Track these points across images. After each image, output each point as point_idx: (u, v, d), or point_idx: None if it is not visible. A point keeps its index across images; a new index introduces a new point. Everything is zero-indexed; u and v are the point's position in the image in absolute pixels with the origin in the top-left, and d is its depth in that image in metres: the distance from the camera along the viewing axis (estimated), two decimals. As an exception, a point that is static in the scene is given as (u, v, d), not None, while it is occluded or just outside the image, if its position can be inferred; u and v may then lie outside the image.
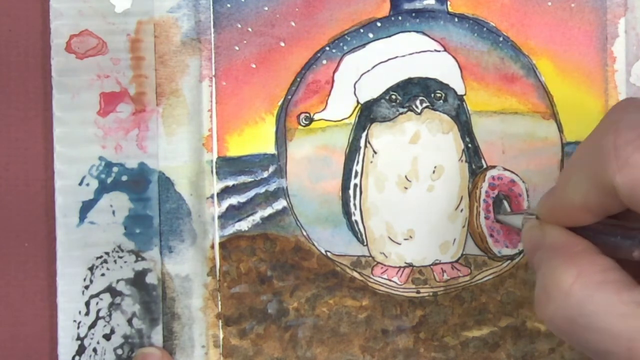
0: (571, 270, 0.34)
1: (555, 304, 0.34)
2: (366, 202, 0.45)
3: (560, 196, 0.37)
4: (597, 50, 0.45)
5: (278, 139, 0.45)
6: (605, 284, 0.33)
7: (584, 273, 0.34)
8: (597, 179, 0.34)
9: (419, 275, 0.45)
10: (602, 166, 0.33)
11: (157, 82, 0.45)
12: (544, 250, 0.37)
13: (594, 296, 0.33)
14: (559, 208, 0.37)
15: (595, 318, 0.33)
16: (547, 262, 0.36)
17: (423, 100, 0.45)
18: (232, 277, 0.45)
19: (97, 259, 0.44)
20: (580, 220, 0.36)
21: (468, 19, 0.45)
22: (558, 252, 0.36)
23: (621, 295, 0.33)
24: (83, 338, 0.44)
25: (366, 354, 0.45)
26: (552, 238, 0.37)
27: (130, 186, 0.45)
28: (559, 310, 0.34)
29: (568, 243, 0.36)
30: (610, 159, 0.33)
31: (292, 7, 0.45)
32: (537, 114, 0.45)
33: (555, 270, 0.35)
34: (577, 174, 0.35)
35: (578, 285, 0.34)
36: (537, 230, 0.38)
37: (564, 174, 0.37)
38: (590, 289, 0.34)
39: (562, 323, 0.34)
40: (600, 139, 0.34)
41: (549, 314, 0.35)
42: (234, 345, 0.45)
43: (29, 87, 0.45)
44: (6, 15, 0.45)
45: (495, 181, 0.45)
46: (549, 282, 0.35)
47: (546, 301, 0.35)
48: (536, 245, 0.38)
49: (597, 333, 0.33)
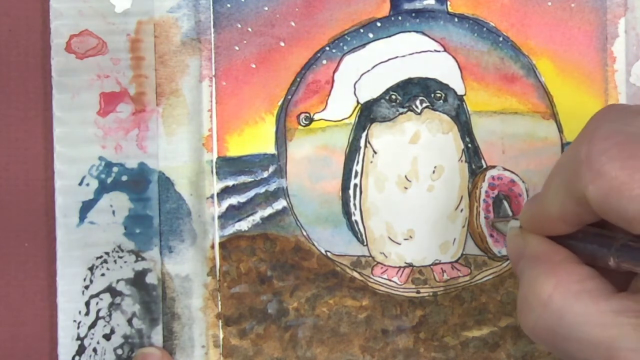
0: (550, 280, 0.34)
1: (536, 314, 0.34)
2: (366, 202, 0.45)
3: (539, 205, 0.37)
4: (597, 50, 0.45)
5: (278, 139, 0.45)
6: (583, 293, 0.34)
7: (562, 283, 0.34)
8: (571, 189, 0.34)
9: (419, 275, 0.45)
10: (576, 176, 0.33)
11: (157, 82, 0.45)
12: (525, 259, 0.37)
13: (572, 306, 0.34)
14: (537, 217, 0.37)
15: (575, 328, 0.33)
16: (527, 271, 0.36)
17: (423, 100, 0.45)
18: (232, 277, 0.45)
19: (97, 259, 0.44)
20: (558, 230, 0.36)
21: (468, 19, 0.45)
22: (537, 262, 0.36)
23: (599, 304, 0.33)
24: (83, 338, 0.44)
25: (366, 354, 0.45)
26: (533, 247, 0.37)
27: (130, 186, 0.45)
28: (539, 320, 0.34)
29: (547, 252, 0.36)
30: (584, 170, 0.33)
31: (292, 7, 0.45)
32: (537, 114, 0.45)
33: (535, 280, 0.35)
34: (554, 184, 0.35)
35: (557, 295, 0.34)
36: (519, 239, 0.38)
37: (545, 183, 0.37)
38: (568, 298, 0.34)
39: (542, 333, 0.34)
40: (576, 149, 0.34)
41: (530, 324, 0.35)
42: (234, 345, 0.45)
43: (29, 87, 0.45)
44: (6, 15, 0.45)
45: (495, 181, 0.45)
46: (529, 292, 0.35)
47: (527, 311, 0.35)
48: (519, 254, 0.38)
49: (577, 342, 0.33)
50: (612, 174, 0.32)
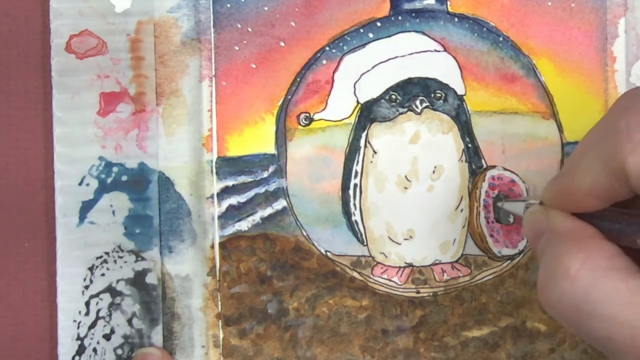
0: (578, 255, 0.34)
1: (561, 289, 0.34)
2: (366, 202, 0.45)
3: (567, 180, 0.36)
4: (597, 50, 0.45)
5: (278, 139, 0.45)
6: (612, 270, 0.33)
7: (591, 259, 0.34)
8: (607, 161, 0.33)
9: (419, 275, 0.45)
10: (613, 149, 0.33)
11: (157, 82, 0.45)
12: (548, 236, 0.36)
13: (600, 282, 0.33)
14: (565, 193, 0.36)
15: (601, 304, 0.33)
16: (552, 247, 0.35)
17: (423, 100, 0.45)
18: (232, 277, 0.45)
19: (97, 259, 0.44)
20: (587, 206, 0.36)
21: (468, 19, 0.45)
22: (564, 238, 0.35)
23: (627, 282, 0.33)
24: (83, 338, 0.44)
25: (366, 354, 0.45)
26: (557, 223, 0.37)
27: (130, 186, 0.45)
28: (564, 295, 0.34)
29: (574, 228, 0.36)
30: (623, 141, 0.32)
31: (292, 7, 0.45)
32: (537, 114, 0.45)
33: (562, 255, 0.34)
34: (587, 157, 0.35)
35: (585, 271, 0.33)
36: (540, 216, 0.38)
37: (572, 158, 0.36)
38: (597, 275, 0.33)
39: (566, 308, 0.34)
40: (612, 122, 0.33)
41: (553, 299, 0.34)
42: (234, 345, 0.45)
43: (29, 87, 0.45)
44: (6, 15, 0.45)
45: (495, 181, 0.45)
46: (555, 267, 0.34)
47: (552, 286, 0.34)
48: (539, 231, 0.37)
49: (601, 319, 0.33)
50: None
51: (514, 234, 0.45)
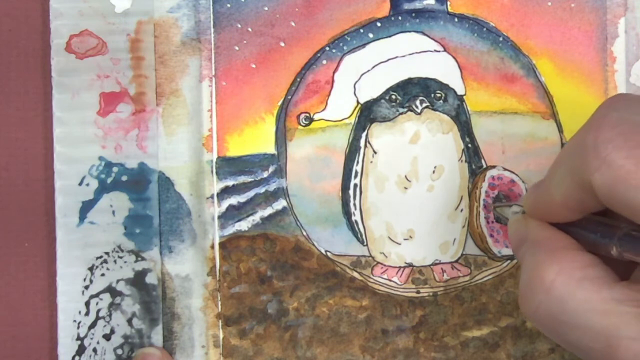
0: (552, 266, 0.34)
1: (538, 300, 0.34)
2: (366, 202, 0.45)
3: (542, 192, 0.37)
4: (597, 50, 0.45)
5: (278, 139, 0.45)
6: (586, 280, 0.34)
7: (565, 269, 0.34)
8: (576, 176, 0.34)
9: (419, 275, 0.45)
10: (582, 164, 0.33)
11: (157, 82, 0.45)
12: (527, 245, 0.37)
13: (574, 293, 0.33)
14: (541, 203, 0.37)
15: (576, 314, 0.33)
16: (529, 257, 0.36)
17: (423, 100, 0.45)
18: (232, 277, 0.45)
19: (97, 259, 0.44)
20: (561, 217, 0.36)
21: (468, 19, 0.45)
22: (540, 248, 0.36)
23: (601, 292, 0.33)
24: (83, 338, 0.44)
25: (366, 354, 0.45)
26: (535, 233, 0.37)
27: (130, 186, 0.45)
28: (541, 306, 0.34)
29: (550, 238, 0.36)
30: (590, 157, 0.33)
31: (292, 7, 0.45)
32: (537, 114, 0.45)
33: (538, 265, 0.35)
34: (560, 170, 0.35)
35: (559, 282, 0.34)
36: (521, 225, 0.38)
37: (550, 169, 0.37)
38: (570, 285, 0.34)
39: (544, 319, 0.34)
40: (583, 137, 0.34)
41: (532, 310, 0.35)
42: (234, 345, 0.45)
43: (29, 87, 0.45)
44: (6, 15, 0.45)
45: (495, 181, 0.45)
46: (532, 278, 0.35)
47: (529, 297, 0.35)
48: (521, 240, 0.38)
49: (577, 329, 0.33)
50: (618, 163, 0.32)
51: (514, 234, 0.45)
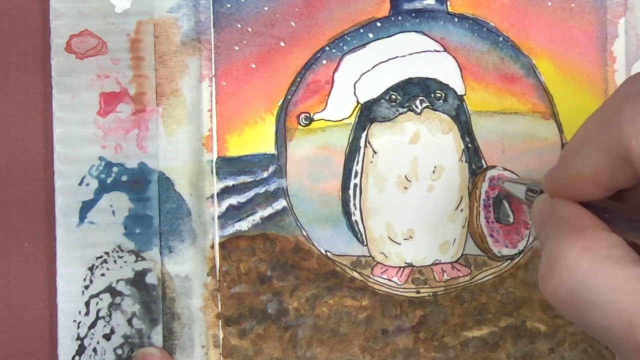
0: (577, 243, 0.34)
1: (560, 277, 0.34)
2: (366, 202, 0.45)
3: (567, 168, 0.36)
4: (597, 50, 0.45)
5: (278, 139, 0.45)
6: (610, 259, 0.33)
7: (590, 247, 0.34)
8: (610, 148, 0.33)
9: (419, 275, 0.45)
10: (617, 135, 0.33)
11: (157, 82, 0.45)
12: (552, 224, 0.36)
13: (598, 271, 0.33)
14: (565, 180, 0.37)
15: (598, 293, 0.33)
16: (553, 235, 0.35)
17: (423, 100, 0.45)
18: (232, 277, 0.45)
19: (97, 259, 0.44)
20: (588, 194, 0.36)
21: (468, 19, 0.45)
22: (565, 226, 0.35)
23: (625, 270, 0.33)
24: (83, 338, 0.44)
25: (366, 354, 0.45)
26: (561, 212, 0.37)
27: (130, 186, 0.45)
28: (562, 283, 0.34)
29: (576, 217, 0.36)
30: (627, 127, 0.32)
31: (292, 7, 0.45)
32: (537, 114, 0.45)
33: (561, 243, 0.34)
34: (588, 145, 0.35)
35: (583, 260, 0.33)
36: (546, 204, 0.38)
37: (571, 146, 0.36)
38: (595, 263, 0.33)
39: (564, 297, 0.34)
40: (614, 108, 0.33)
41: (552, 287, 0.34)
42: (234, 345, 0.45)
43: (29, 87, 0.45)
44: (6, 15, 0.45)
45: (495, 181, 0.45)
46: (555, 255, 0.34)
47: (550, 274, 0.34)
48: (545, 219, 0.37)
49: (599, 308, 0.33)
50: None
51: (513, 234, 0.45)
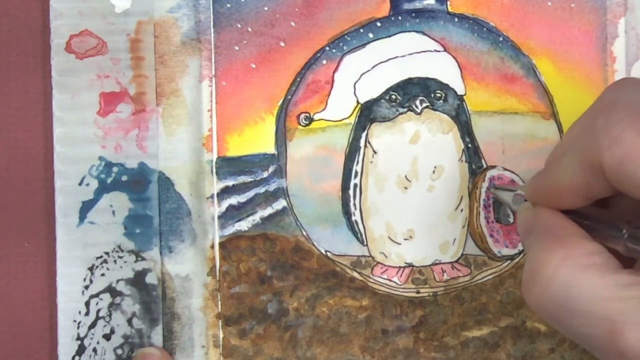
0: (558, 252, 0.34)
1: (541, 286, 0.34)
2: (366, 202, 0.45)
3: (547, 177, 0.37)
4: (597, 50, 0.45)
5: (278, 139, 0.45)
6: (591, 267, 0.33)
7: (570, 256, 0.34)
8: (585, 157, 0.34)
9: (419, 275, 0.45)
10: (591, 144, 0.33)
11: (157, 82, 0.45)
12: (534, 232, 0.37)
13: (578, 279, 0.33)
14: (545, 188, 0.37)
15: (580, 301, 0.33)
16: (535, 243, 0.36)
17: (423, 100, 0.45)
18: (232, 277, 0.45)
19: (97, 259, 0.44)
20: (566, 203, 0.36)
21: (468, 19, 0.45)
22: (546, 234, 0.36)
23: (605, 278, 0.33)
24: (83, 338, 0.44)
25: (366, 354, 0.45)
26: (542, 220, 0.37)
27: (130, 186, 0.45)
28: (544, 292, 0.34)
29: (557, 226, 0.36)
30: (600, 137, 0.33)
31: (292, 7, 0.45)
32: (537, 114, 0.45)
33: (543, 251, 0.34)
34: (566, 154, 0.35)
35: (563, 268, 0.34)
36: (529, 213, 0.38)
37: (552, 155, 0.37)
38: (575, 272, 0.33)
39: (547, 306, 0.34)
40: (592, 117, 0.34)
41: (534, 296, 0.34)
42: (234, 345, 0.45)
43: (29, 87, 0.45)
44: (6, 15, 0.45)
45: (495, 181, 0.45)
46: (536, 264, 0.34)
47: (533, 282, 0.34)
48: (529, 228, 0.38)
49: (581, 316, 0.33)
50: (630, 140, 0.32)
51: (513, 234, 0.45)
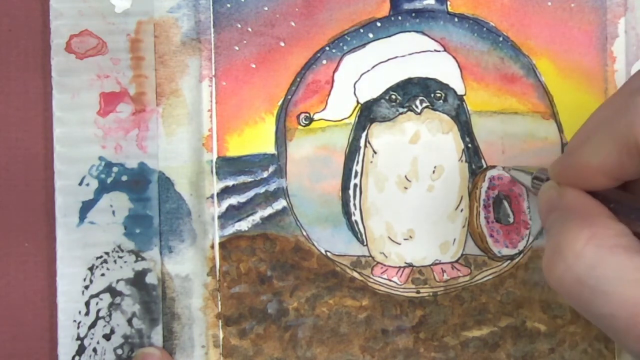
0: (585, 231, 0.34)
1: (566, 264, 0.34)
2: (366, 202, 0.45)
3: (576, 157, 0.36)
4: (597, 50, 0.45)
5: (278, 139, 0.45)
6: (618, 248, 0.33)
7: (598, 236, 0.34)
8: (620, 138, 0.33)
9: (419, 275, 0.45)
10: (627, 125, 0.33)
11: (157, 82, 0.45)
12: (559, 212, 0.36)
13: (605, 259, 0.33)
14: (574, 169, 0.37)
15: (604, 281, 0.33)
16: (561, 222, 0.35)
17: (423, 100, 0.45)
18: (232, 277, 0.45)
19: (97, 259, 0.44)
20: (595, 183, 0.36)
21: (468, 19, 0.45)
22: (573, 214, 0.36)
23: (633, 260, 0.33)
24: (83, 338, 0.44)
25: (366, 354, 0.45)
26: (569, 200, 0.37)
27: (130, 186, 0.45)
28: (568, 270, 0.34)
29: (585, 205, 0.36)
30: (638, 117, 0.32)
31: (292, 7, 0.45)
32: (537, 114, 0.45)
33: (569, 230, 0.34)
34: (597, 134, 0.35)
35: (590, 247, 0.33)
36: (554, 192, 0.38)
37: (580, 135, 0.36)
38: (602, 251, 0.33)
39: (570, 284, 0.34)
40: (626, 100, 0.34)
41: (558, 274, 0.34)
42: (234, 345, 0.45)
43: (29, 87, 0.45)
44: (6, 15, 0.45)
45: (495, 181, 0.45)
46: (562, 242, 0.34)
47: (557, 261, 0.34)
48: (552, 207, 0.37)
49: (603, 296, 0.33)
50: None
51: (513, 234, 0.45)
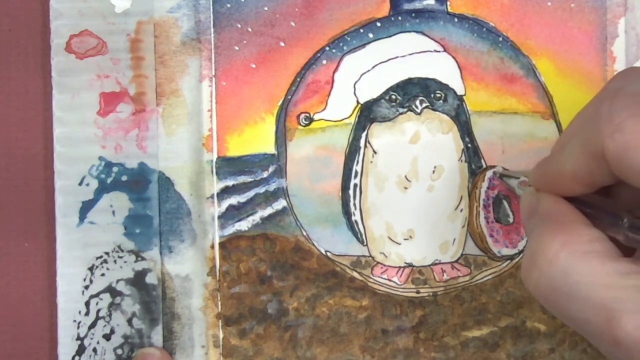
0: (558, 238, 0.34)
1: (540, 271, 0.34)
2: (366, 202, 0.45)
3: (551, 163, 0.37)
4: (597, 50, 0.45)
5: (278, 139, 0.45)
6: (590, 254, 0.34)
7: (570, 242, 0.34)
8: (588, 144, 0.34)
9: (419, 275, 0.45)
10: (594, 131, 0.33)
11: (157, 82, 0.45)
12: (536, 218, 0.37)
13: (578, 265, 0.33)
14: (549, 175, 0.37)
15: (578, 287, 0.33)
16: (537, 228, 0.36)
17: (423, 100, 0.45)
18: (232, 277, 0.45)
19: (97, 259, 0.44)
20: (569, 190, 0.36)
21: (468, 19, 0.45)
22: (548, 220, 0.36)
23: (605, 265, 0.33)
24: (83, 338, 0.44)
25: (366, 354, 0.45)
26: (545, 206, 0.37)
27: (130, 186, 0.45)
28: (543, 277, 0.34)
29: (558, 212, 0.36)
30: (603, 124, 0.33)
31: (292, 7, 0.45)
32: (537, 114, 0.45)
33: (543, 237, 0.35)
34: (570, 141, 0.35)
35: (563, 254, 0.34)
36: (532, 198, 0.38)
37: (558, 142, 0.37)
38: (575, 258, 0.34)
39: (545, 290, 0.34)
40: (596, 105, 0.34)
41: (534, 280, 0.35)
42: (234, 345, 0.45)
43: (29, 87, 0.45)
44: (6, 15, 0.45)
45: (495, 181, 0.45)
46: (536, 249, 0.35)
47: (532, 267, 0.35)
48: (531, 213, 0.38)
49: (578, 302, 0.33)
50: (631, 129, 0.32)
51: (513, 234, 0.45)
